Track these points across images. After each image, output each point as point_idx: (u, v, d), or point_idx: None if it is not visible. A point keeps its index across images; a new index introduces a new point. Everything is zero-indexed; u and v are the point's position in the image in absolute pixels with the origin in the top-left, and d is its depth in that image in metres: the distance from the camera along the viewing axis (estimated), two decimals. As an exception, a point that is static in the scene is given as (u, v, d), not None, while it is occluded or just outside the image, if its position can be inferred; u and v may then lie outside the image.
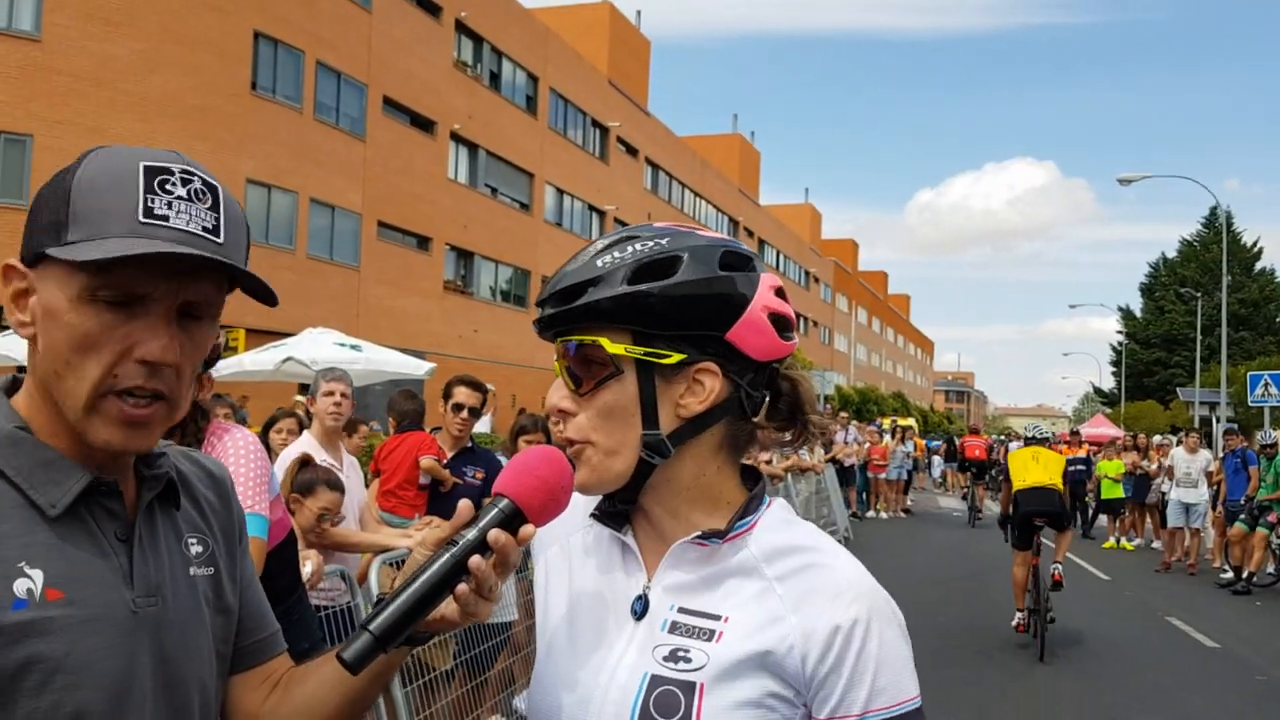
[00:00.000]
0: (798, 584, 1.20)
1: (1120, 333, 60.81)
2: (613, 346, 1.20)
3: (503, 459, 6.02)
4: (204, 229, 1.11)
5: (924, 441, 35.13)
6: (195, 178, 1.13)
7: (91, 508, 1.14)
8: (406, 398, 6.28)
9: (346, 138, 27.57)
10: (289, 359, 12.33)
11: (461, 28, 32.66)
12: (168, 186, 1.10)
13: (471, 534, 1.13)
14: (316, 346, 12.88)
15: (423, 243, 31.34)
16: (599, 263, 1.21)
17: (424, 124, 31.07)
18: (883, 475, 22.46)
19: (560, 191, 39.06)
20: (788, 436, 1.30)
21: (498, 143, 34.60)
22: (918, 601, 9.95)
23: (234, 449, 3.05)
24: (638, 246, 1.22)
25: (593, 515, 1.31)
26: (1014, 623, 9.43)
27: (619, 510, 1.29)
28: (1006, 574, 10.01)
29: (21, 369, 1.25)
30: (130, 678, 1.12)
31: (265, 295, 1.16)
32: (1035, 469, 9.42)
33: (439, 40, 31.35)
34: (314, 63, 26.20)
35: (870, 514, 21.94)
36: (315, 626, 3.91)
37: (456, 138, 32.61)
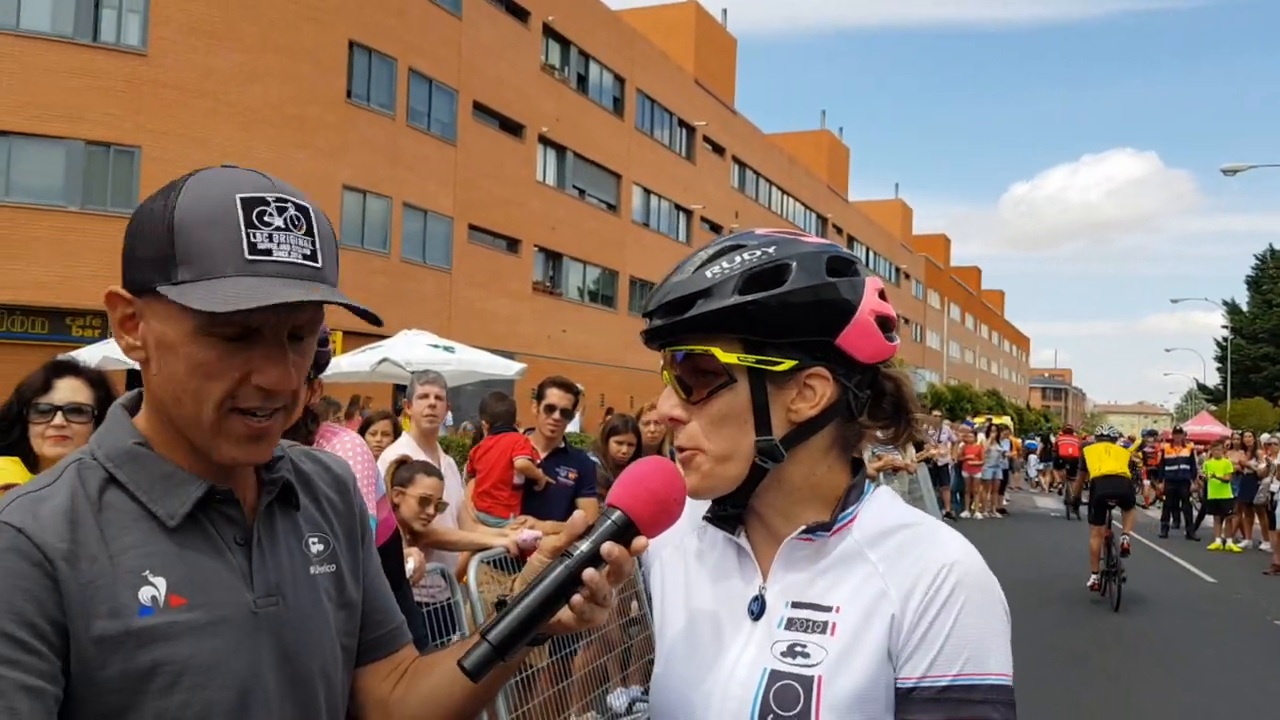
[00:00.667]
0: (899, 560, 1.21)
1: (1225, 327, 58.75)
2: (725, 356, 1.21)
3: (594, 459, 6.08)
4: (303, 256, 1.15)
5: (1020, 440, 34.38)
6: (289, 204, 1.15)
7: (210, 515, 1.20)
8: (498, 399, 6.38)
9: (438, 143, 28.07)
10: (384, 360, 12.62)
11: (549, 31, 32.99)
12: (265, 218, 1.13)
13: (585, 546, 1.16)
14: (410, 348, 13.17)
15: (512, 245, 31.74)
16: (708, 273, 1.22)
17: (513, 127, 31.46)
18: (978, 475, 22.05)
19: (647, 192, 39.18)
20: (890, 435, 1.31)
21: (585, 144, 34.86)
22: (1015, 604, 9.75)
23: (341, 452, 3.14)
24: (746, 256, 1.22)
25: (705, 518, 1.34)
26: (1089, 583, 11.71)
27: (731, 513, 1.31)
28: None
29: (133, 373, 1.32)
30: (254, 676, 1.18)
31: (367, 316, 1.19)
32: (1108, 460, 11.82)
33: (527, 44, 31.72)
34: (406, 70, 26.74)
35: (965, 514, 21.56)
36: (420, 622, 4.03)
37: (545, 140, 32.95)
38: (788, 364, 1.21)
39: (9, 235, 20.20)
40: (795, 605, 1.23)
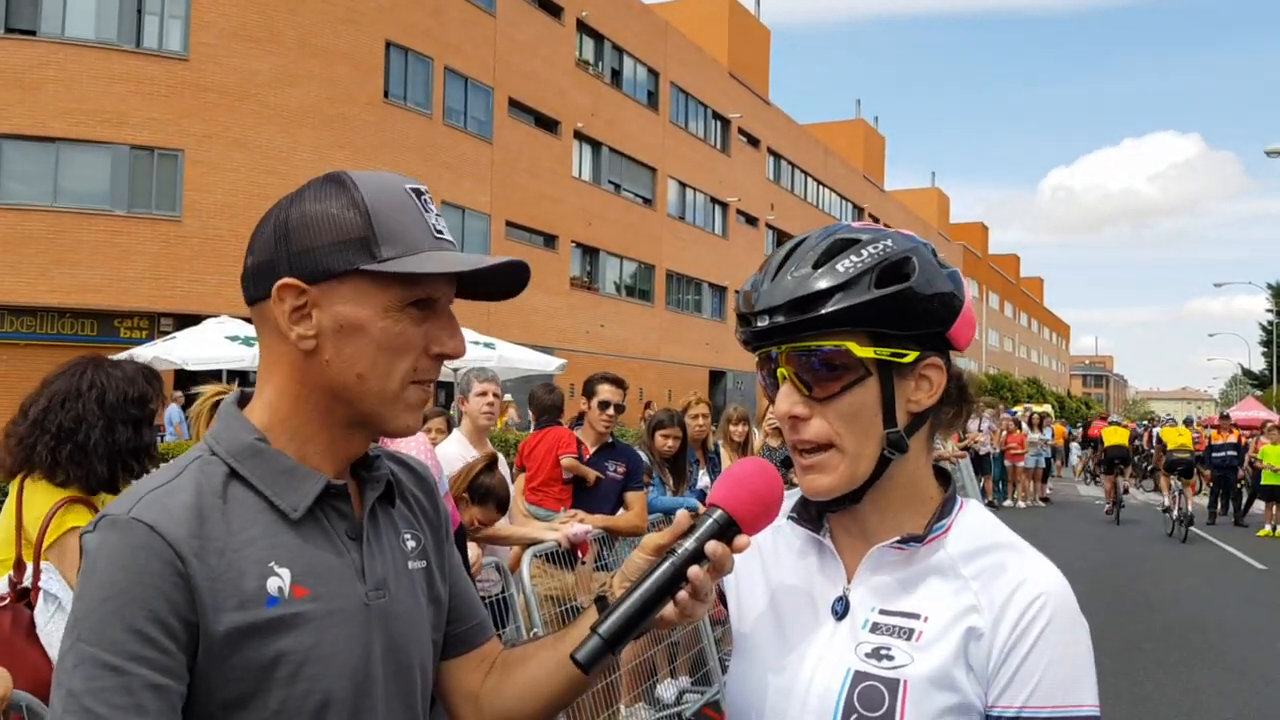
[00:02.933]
0: (991, 579, 1.22)
1: (1271, 311, 57.73)
2: (861, 350, 1.21)
3: (640, 452, 6.12)
4: (450, 234, 1.27)
5: (1064, 428, 34.03)
6: (427, 191, 1.28)
7: (325, 510, 1.24)
8: (547, 391, 6.40)
9: (474, 140, 28.23)
10: (429, 358, 12.71)
11: (583, 27, 33.04)
12: (428, 204, 1.25)
13: (689, 544, 1.20)
14: None
15: (549, 241, 31.85)
16: (839, 268, 1.21)
17: (548, 124, 31.56)
18: (1020, 464, 21.89)
19: (683, 185, 39.15)
20: (950, 418, 1.34)
21: (620, 139, 34.89)
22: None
23: (408, 450, 3.22)
24: (870, 250, 1.23)
25: (789, 518, 1.36)
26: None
27: (815, 509, 1.33)
28: (1152, 562, 12.93)
29: (180, 373, 1.35)
30: (367, 666, 1.22)
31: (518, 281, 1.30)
32: (1178, 438, 18.05)
33: (561, 40, 31.79)
34: (442, 69, 26.91)
35: (1007, 503, 21.42)
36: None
37: (580, 136, 33.02)
38: (912, 355, 1.23)
39: (58, 239, 20.58)
40: (883, 612, 1.24)
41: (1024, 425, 22.99)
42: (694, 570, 1.19)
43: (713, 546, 1.19)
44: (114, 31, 21.22)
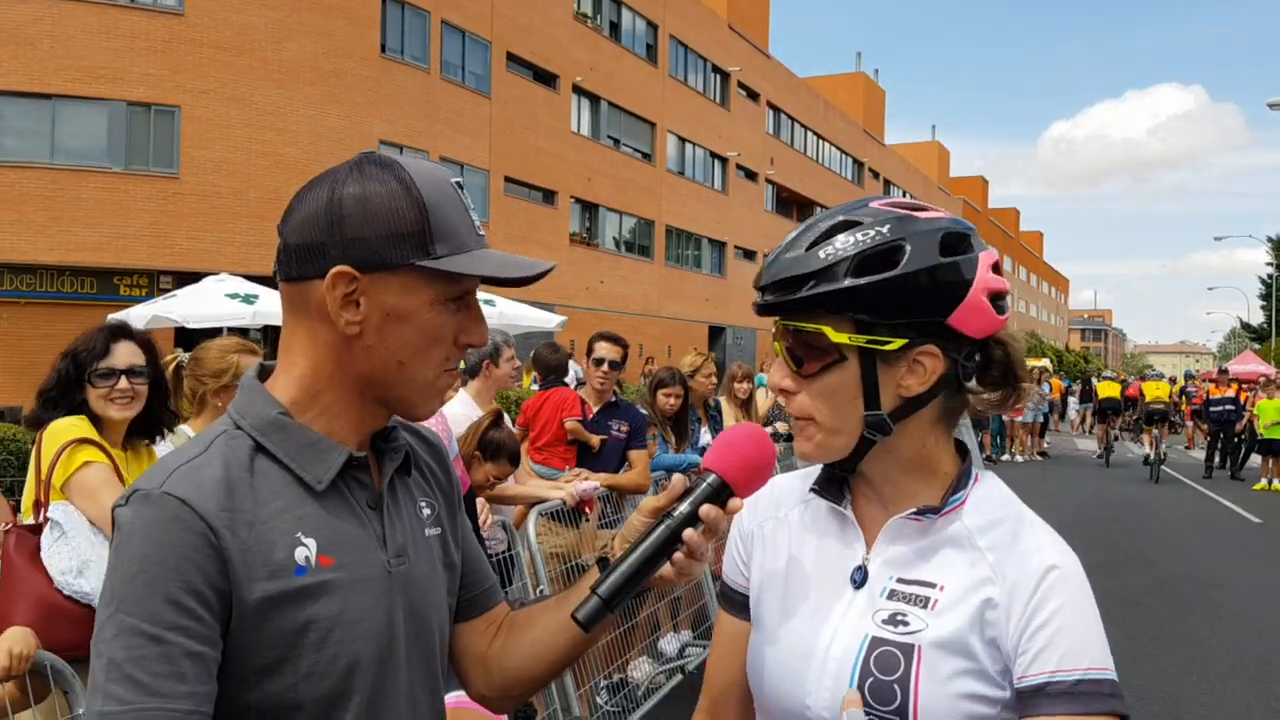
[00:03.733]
0: (1006, 551, 1.25)
1: (1270, 264, 57.59)
2: (836, 336, 1.24)
3: (642, 410, 6.16)
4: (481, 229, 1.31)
5: (1061, 382, 34.12)
6: (462, 183, 1.32)
7: (347, 481, 1.28)
8: (551, 350, 6.36)
9: (472, 96, 28.00)
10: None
11: (580, -21, 32.66)
12: (466, 198, 1.29)
13: (685, 507, 1.27)
14: None
15: (548, 196, 31.71)
16: (821, 254, 1.24)
17: (546, 78, 31.30)
18: (1018, 418, 21.98)
19: (682, 140, 38.90)
20: (998, 399, 1.33)
21: (619, 94, 34.62)
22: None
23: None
24: (859, 236, 1.24)
25: (812, 490, 1.40)
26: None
27: (837, 481, 1.37)
28: (1148, 516, 13.10)
29: (180, 330, 1.38)
30: (391, 629, 1.28)
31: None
32: (1155, 391, 20.27)
33: (559, -8, 31.44)
34: (439, 22, 26.62)
35: (1005, 457, 21.56)
36: (493, 570, 4.15)
37: (579, 90, 32.76)
38: (898, 343, 1.23)
39: (56, 196, 20.50)
40: (900, 580, 1.28)
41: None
42: (689, 533, 1.25)
43: (706, 510, 1.26)
44: (107, -14, 20.97)
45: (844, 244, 1.24)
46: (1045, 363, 33.28)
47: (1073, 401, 34.10)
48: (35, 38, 20.26)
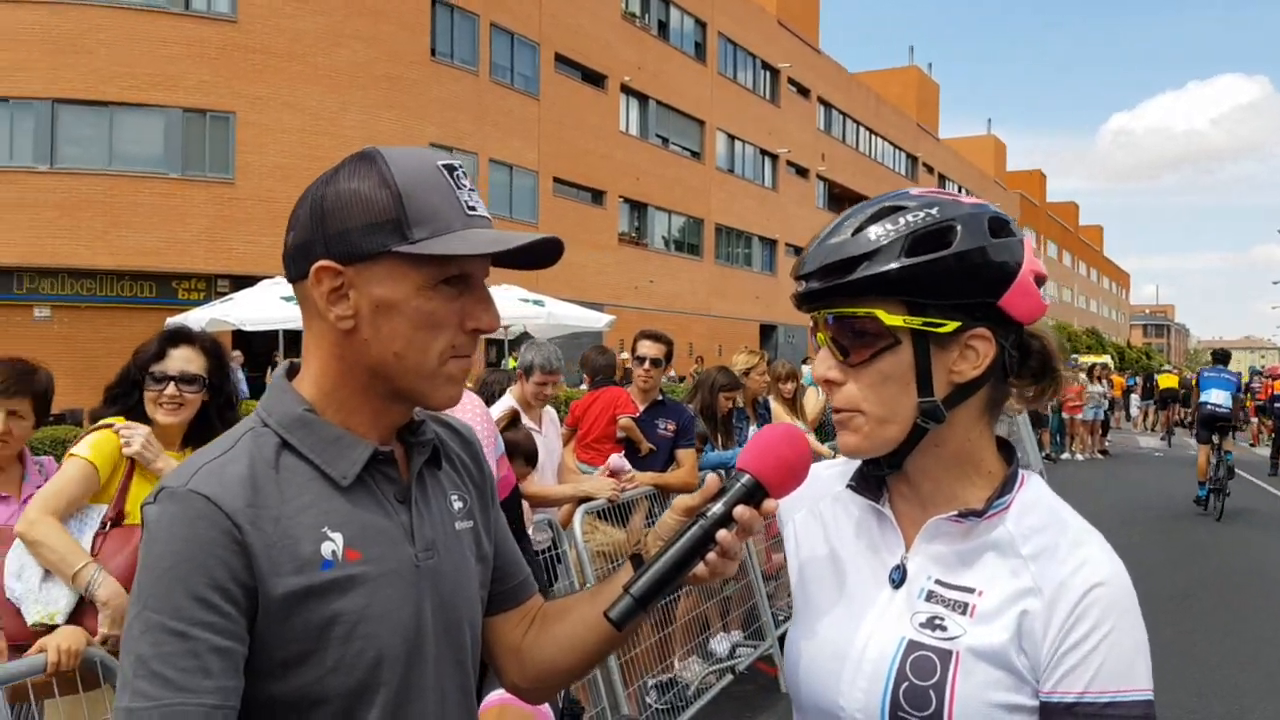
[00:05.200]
0: (1049, 561, 1.21)
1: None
2: (890, 318, 1.20)
3: (689, 409, 6.10)
4: (485, 209, 1.28)
5: (1123, 379, 33.48)
6: (461, 166, 1.28)
7: (374, 475, 1.28)
8: (599, 352, 6.41)
9: (521, 97, 28.13)
10: (478, 316, 12.75)
11: (628, -22, 32.68)
12: (461, 180, 1.26)
13: (718, 507, 1.25)
14: (502, 303, 12.84)
15: (597, 196, 31.77)
16: (871, 235, 1.21)
17: (595, 78, 31.36)
18: (1078, 416, 21.59)
19: (731, 138, 38.78)
20: (1035, 393, 1.31)
21: (667, 92, 34.59)
22: (1120, 547, 9.67)
23: (462, 412, 3.22)
24: (909, 218, 1.21)
25: (849, 485, 1.36)
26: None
27: (874, 479, 1.33)
28: (1209, 515, 12.85)
29: (238, 333, 1.38)
30: (419, 623, 1.28)
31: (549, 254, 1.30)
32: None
33: (607, -7, 31.47)
34: (488, 25, 26.79)
35: (1065, 456, 21.18)
36: (540, 567, 4.14)
37: (627, 90, 32.79)
38: (951, 326, 1.20)
39: (114, 202, 20.92)
40: (939, 582, 1.25)
41: (1082, 375, 22.62)
42: (722, 533, 1.24)
43: (740, 510, 1.24)
44: (163, -5, 21.35)
45: (893, 226, 1.21)
46: (1106, 359, 32.64)
47: (1135, 399, 33.43)
48: (93, 46, 20.71)
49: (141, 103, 21.11)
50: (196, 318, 12.34)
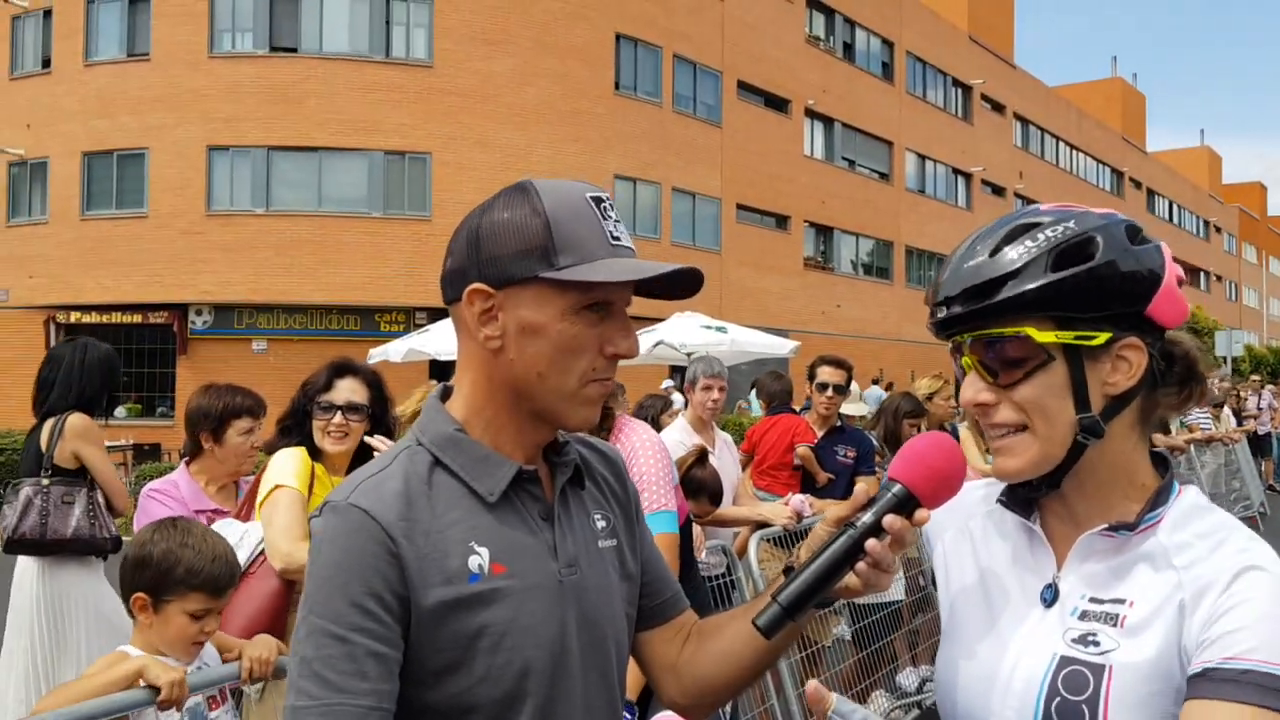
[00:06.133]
0: (1203, 564, 1.17)
1: None
2: (1041, 335, 1.20)
3: (872, 437, 5.95)
4: (628, 240, 1.33)
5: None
6: (608, 199, 1.34)
7: (519, 493, 1.34)
8: (774, 378, 6.40)
9: (704, 125, 28.35)
10: (660, 343, 12.89)
11: (813, 2, 32.52)
12: (608, 212, 1.32)
13: (867, 518, 1.24)
14: (685, 330, 13.37)
15: (781, 221, 31.59)
16: (1011, 255, 1.21)
17: (778, 103, 31.28)
18: (1306, 443, 19.85)
19: (921, 157, 37.88)
20: (1179, 401, 1.28)
21: (854, 114, 34.14)
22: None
23: (641, 447, 3.27)
24: (1049, 233, 1.21)
25: (999, 501, 1.34)
26: None
27: (1025, 497, 1.31)
28: None
29: (434, 363, 1.41)
30: (563, 637, 1.31)
31: (694, 283, 1.35)
32: None
33: (790, 18, 31.40)
34: (671, 56, 27.16)
35: (1292, 487, 19.50)
36: (707, 594, 4.11)
37: (811, 113, 32.54)
38: (1102, 337, 1.20)
39: (323, 241, 22.25)
40: (1092, 600, 1.22)
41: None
42: (871, 543, 1.23)
43: (890, 520, 1.23)
44: (365, 44, 22.66)
45: (1033, 243, 1.21)
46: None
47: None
48: (302, 96, 22.15)
49: (347, 147, 22.40)
50: (396, 349, 12.92)
